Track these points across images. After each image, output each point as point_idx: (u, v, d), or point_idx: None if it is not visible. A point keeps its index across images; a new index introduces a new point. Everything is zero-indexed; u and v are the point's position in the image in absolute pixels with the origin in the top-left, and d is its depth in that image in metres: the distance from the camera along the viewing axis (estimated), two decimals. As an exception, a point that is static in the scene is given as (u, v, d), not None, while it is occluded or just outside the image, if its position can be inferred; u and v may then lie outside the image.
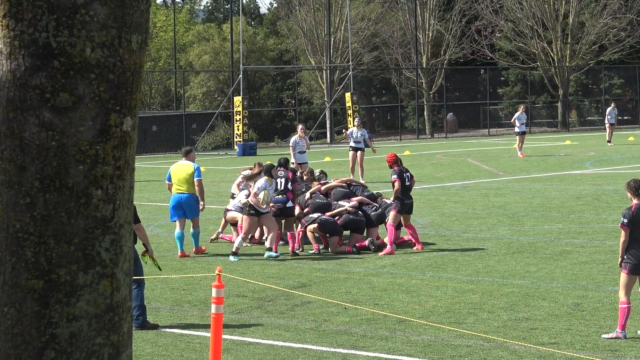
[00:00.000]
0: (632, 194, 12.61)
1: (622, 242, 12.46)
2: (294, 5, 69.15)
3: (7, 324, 4.33)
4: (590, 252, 18.18)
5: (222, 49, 75.07)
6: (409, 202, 19.10)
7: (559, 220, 22.45)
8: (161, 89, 79.02)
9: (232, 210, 20.48)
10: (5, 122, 4.33)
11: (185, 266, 18.03)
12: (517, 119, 41.86)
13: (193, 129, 57.04)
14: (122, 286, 4.46)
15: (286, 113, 74.42)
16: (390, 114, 74.52)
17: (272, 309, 14.26)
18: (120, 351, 4.46)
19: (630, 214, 12.43)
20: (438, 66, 69.53)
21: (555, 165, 36.86)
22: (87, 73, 4.29)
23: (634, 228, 12.38)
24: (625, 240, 12.43)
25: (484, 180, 31.97)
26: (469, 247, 19.18)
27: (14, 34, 4.29)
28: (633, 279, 12.43)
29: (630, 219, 12.39)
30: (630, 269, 12.37)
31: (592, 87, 72.27)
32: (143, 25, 4.47)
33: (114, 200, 4.40)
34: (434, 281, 16.08)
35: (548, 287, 15.33)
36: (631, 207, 12.51)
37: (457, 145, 53.15)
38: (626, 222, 12.40)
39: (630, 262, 12.37)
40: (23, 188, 4.30)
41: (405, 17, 70.03)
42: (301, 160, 29.69)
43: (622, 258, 12.48)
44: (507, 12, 67.79)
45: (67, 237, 4.30)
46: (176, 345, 12.42)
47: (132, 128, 4.45)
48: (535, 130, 66.04)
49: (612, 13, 66.08)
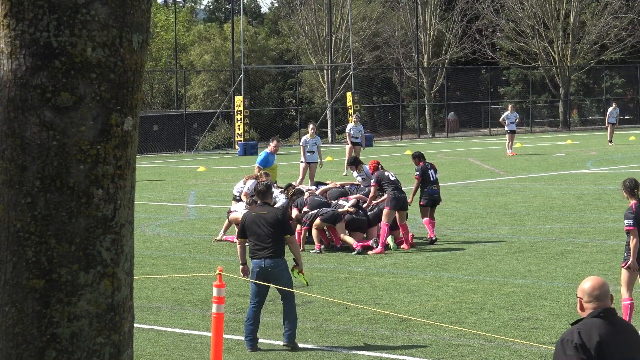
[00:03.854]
0: (628, 193, 12.60)
1: (635, 242, 12.36)
2: (295, 5, 69.15)
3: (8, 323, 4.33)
4: (591, 252, 18.17)
5: (223, 49, 75.08)
6: (401, 196, 19.12)
7: (560, 219, 22.45)
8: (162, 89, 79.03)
9: (235, 212, 20.50)
10: (6, 122, 4.33)
11: (186, 266, 18.03)
12: (507, 118, 42.29)
13: (194, 128, 57.04)
14: (123, 286, 4.46)
15: (287, 113, 74.42)
16: (391, 113, 74.51)
17: (273, 308, 14.25)
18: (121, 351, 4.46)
19: (632, 214, 12.42)
20: (439, 66, 69.52)
21: (557, 165, 36.86)
22: (88, 73, 4.29)
23: (638, 227, 12.36)
24: (637, 242, 12.33)
25: (485, 179, 31.96)
26: (470, 247, 19.17)
27: (15, 34, 4.29)
28: (634, 275, 12.43)
29: (634, 219, 12.37)
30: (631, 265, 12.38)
31: (593, 87, 72.25)
32: (144, 25, 4.47)
33: (115, 199, 4.40)
34: (435, 281, 16.08)
35: (549, 286, 15.33)
36: (631, 208, 12.49)
37: (458, 145, 53.14)
38: (631, 222, 12.37)
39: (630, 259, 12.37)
40: (24, 188, 4.30)
41: (407, 16, 70.02)
42: (311, 159, 29.71)
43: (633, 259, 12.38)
44: (508, 12, 67.77)
45: (68, 237, 4.30)
46: (177, 345, 12.42)
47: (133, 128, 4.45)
48: (537, 130, 66.02)
49: (613, 12, 66.05)
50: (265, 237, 12.15)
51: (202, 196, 29.69)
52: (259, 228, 12.18)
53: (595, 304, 6.38)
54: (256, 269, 12.11)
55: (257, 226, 12.19)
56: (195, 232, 22.18)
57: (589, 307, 6.40)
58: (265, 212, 12.33)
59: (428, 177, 20.01)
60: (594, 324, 6.32)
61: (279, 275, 12.18)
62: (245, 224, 12.33)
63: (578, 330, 6.30)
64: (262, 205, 12.59)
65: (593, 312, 6.37)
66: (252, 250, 12.26)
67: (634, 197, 12.51)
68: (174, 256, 19.05)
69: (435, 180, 20.09)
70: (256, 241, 12.18)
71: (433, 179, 20.05)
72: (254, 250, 12.20)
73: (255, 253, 12.18)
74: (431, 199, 19.96)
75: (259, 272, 12.09)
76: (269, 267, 12.09)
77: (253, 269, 12.18)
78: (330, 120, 62.06)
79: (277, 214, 12.52)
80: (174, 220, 24.14)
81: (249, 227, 12.24)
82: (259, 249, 12.15)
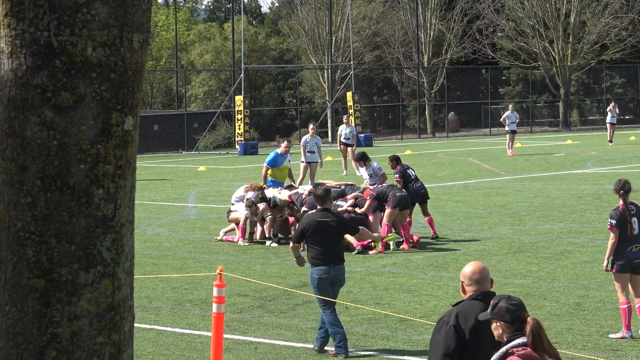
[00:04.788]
0: (617, 194, 12.67)
1: (612, 243, 12.48)
2: (296, 5, 69.15)
3: (8, 323, 4.33)
4: (591, 252, 18.17)
5: (223, 48, 75.08)
6: (400, 195, 19.14)
7: (560, 219, 22.45)
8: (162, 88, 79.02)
9: (235, 211, 20.52)
10: (7, 121, 4.33)
11: (187, 265, 18.03)
12: (507, 118, 42.43)
13: (194, 128, 57.04)
14: (123, 285, 4.46)
15: (287, 112, 74.40)
16: (391, 113, 74.49)
17: (274, 308, 14.26)
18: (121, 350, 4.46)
19: (617, 214, 12.47)
20: (439, 65, 69.52)
21: (557, 165, 36.86)
22: (89, 72, 4.29)
23: (621, 228, 12.42)
24: (614, 242, 12.44)
25: (486, 179, 31.96)
26: (470, 247, 19.17)
27: (15, 33, 4.29)
28: (624, 277, 12.46)
29: (617, 220, 12.43)
30: (618, 269, 12.43)
31: (594, 87, 72.23)
32: (144, 25, 4.47)
33: (116, 199, 4.40)
34: (435, 280, 16.08)
35: (549, 286, 15.33)
36: (617, 208, 12.56)
37: (458, 145, 53.13)
38: (614, 222, 12.44)
39: (618, 262, 12.42)
40: (24, 187, 4.29)
41: (407, 16, 70.02)
42: (311, 159, 29.75)
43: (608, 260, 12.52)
44: (508, 12, 67.76)
45: (68, 236, 4.30)
46: (177, 345, 12.42)
47: (133, 127, 4.45)
48: (537, 130, 66.02)
49: (614, 12, 66.04)
50: (333, 243, 12.02)
51: (202, 196, 29.69)
52: (325, 235, 11.99)
53: (475, 287, 6.74)
54: (324, 275, 11.92)
55: (323, 233, 12.00)
56: (195, 231, 22.18)
57: (469, 290, 6.75)
58: (329, 219, 12.15)
59: (409, 176, 20.31)
60: (472, 306, 6.62)
61: (342, 280, 12.15)
62: (308, 230, 12.08)
63: (456, 312, 6.63)
64: (322, 211, 12.35)
65: (472, 295, 6.73)
66: (316, 256, 12.02)
67: (622, 198, 12.56)
68: (174, 256, 19.05)
69: (417, 178, 20.42)
70: (322, 248, 11.97)
71: (414, 176, 20.37)
72: (320, 257, 11.97)
73: (321, 260, 11.96)
74: (418, 195, 20.11)
75: (327, 278, 11.93)
76: (337, 274, 12.00)
77: (320, 276, 11.93)
78: (331, 120, 62.05)
79: (341, 220, 12.45)
80: (174, 220, 24.14)
81: (313, 234, 12.03)
82: (326, 256, 11.96)
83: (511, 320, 5.90)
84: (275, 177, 22.53)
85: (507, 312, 5.92)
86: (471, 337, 6.50)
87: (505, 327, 5.92)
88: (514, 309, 5.92)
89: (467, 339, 6.49)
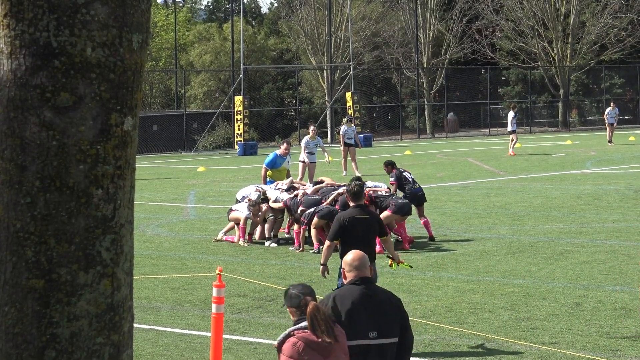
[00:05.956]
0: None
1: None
2: (295, 5, 69.15)
3: (7, 323, 4.33)
4: (591, 252, 18.17)
5: (222, 49, 75.09)
6: (402, 203, 19.14)
7: (560, 220, 22.44)
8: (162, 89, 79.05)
9: (236, 211, 20.51)
10: (6, 122, 4.33)
11: (186, 266, 18.03)
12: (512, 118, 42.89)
13: (194, 128, 57.05)
14: (123, 286, 4.46)
15: (287, 113, 74.41)
16: (391, 113, 74.51)
17: (273, 308, 14.26)
18: (121, 351, 4.46)
19: None
20: (439, 66, 69.53)
21: (556, 165, 36.86)
22: (88, 72, 4.29)
23: None
24: None
25: (485, 180, 31.97)
26: (469, 247, 19.17)
27: (14, 34, 4.29)
28: None
29: None
30: None
31: (593, 87, 72.25)
32: (144, 25, 4.47)
33: (115, 199, 4.40)
34: (434, 281, 16.08)
35: (549, 286, 15.33)
36: None
37: (457, 145, 53.13)
38: None
39: None
40: (23, 187, 4.29)
41: (406, 16, 70.03)
42: (312, 160, 29.88)
43: None
44: (507, 12, 67.78)
45: (67, 237, 4.29)
46: (177, 345, 12.42)
47: (132, 128, 4.45)
48: (536, 130, 66.04)
49: (613, 13, 66.07)
50: (368, 240, 11.85)
51: (201, 196, 29.69)
52: (361, 231, 11.85)
53: (354, 273, 7.39)
54: None
55: (359, 229, 11.86)
56: (194, 232, 22.18)
57: (349, 275, 7.41)
58: (366, 216, 12.04)
59: (405, 178, 20.38)
60: (350, 290, 7.31)
61: (375, 277, 12.00)
62: (345, 226, 11.92)
63: (334, 296, 7.36)
64: (357, 208, 12.17)
65: (351, 280, 7.38)
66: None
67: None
68: (174, 256, 19.04)
69: (414, 180, 20.48)
70: (357, 245, 11.88)
71: (411, 179, 20.41)
72: None
73: None
74: (416, 197, 20.14)
75: None
76: None
77: None
78: (330, 121, 62.06)
79: (376, 217, 12.39)
80: (174, 220, 24.14)
81: (350, 230, 11.89)
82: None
83: (296, 306, 6.87)
84: (274, 178, 22.91)
85: (292, 298, 6.89)
86: (347, 319, 7.11)
87: (293, 312, 6.93)
88: (298, 295, 6.85)
89: (342, 320, 7.09)
